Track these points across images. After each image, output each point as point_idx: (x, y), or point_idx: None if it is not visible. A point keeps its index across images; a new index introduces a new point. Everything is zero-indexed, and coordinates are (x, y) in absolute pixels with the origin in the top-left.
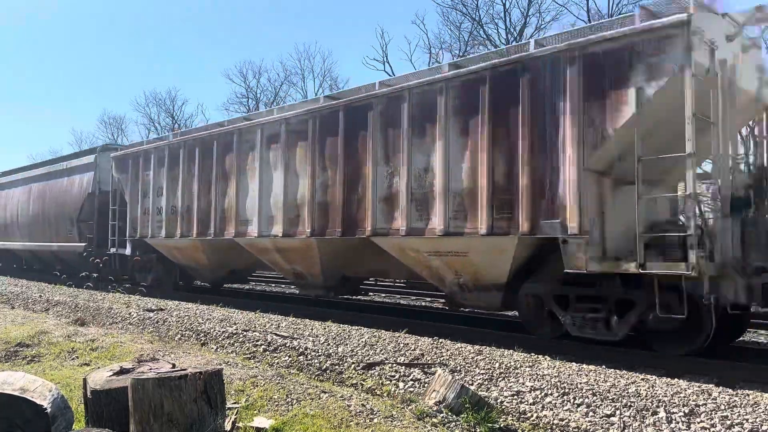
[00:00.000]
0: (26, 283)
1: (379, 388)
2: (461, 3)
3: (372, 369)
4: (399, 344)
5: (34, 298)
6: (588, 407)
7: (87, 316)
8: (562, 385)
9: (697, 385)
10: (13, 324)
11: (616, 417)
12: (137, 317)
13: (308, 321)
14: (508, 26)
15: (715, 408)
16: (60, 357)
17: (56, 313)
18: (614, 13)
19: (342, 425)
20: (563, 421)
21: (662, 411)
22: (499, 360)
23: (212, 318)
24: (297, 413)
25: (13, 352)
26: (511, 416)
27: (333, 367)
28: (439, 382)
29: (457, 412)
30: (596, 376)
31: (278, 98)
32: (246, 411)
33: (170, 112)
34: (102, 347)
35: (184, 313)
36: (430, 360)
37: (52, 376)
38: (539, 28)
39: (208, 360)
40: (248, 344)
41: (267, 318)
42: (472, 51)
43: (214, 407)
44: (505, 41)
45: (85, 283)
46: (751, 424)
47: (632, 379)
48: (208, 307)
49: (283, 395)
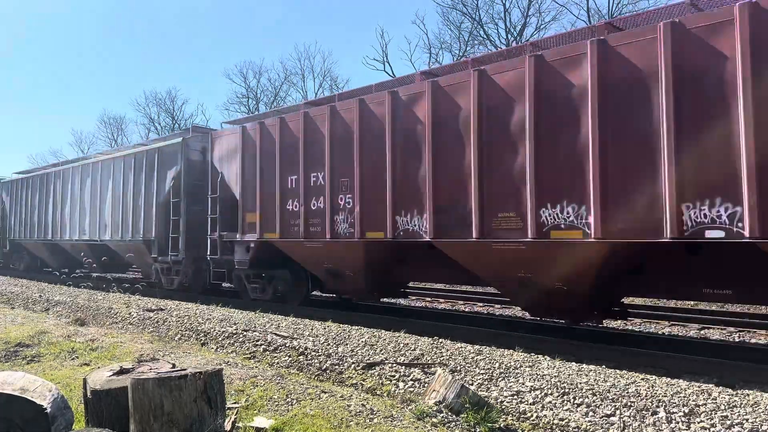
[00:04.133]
0: (26, 283)
1: (379, 388)
2: (461, 3)
3: (372, 369)
4: (399, 344)
5: (34, 298)
6: (588, 407)
7: (87, 316)
8: (562, 385)
9: (697, 385)
10: (13, 324)
11: (616, 417)
12: (137, 317)
13: (308, 321)
14: (508, 26)
15: (715, 408)
16: (60, 357)
17: (56, 313)
18: (614, 13)
19: (342, 425)
20: (563, 421)
21: (662, 411)
22: (499, 360)
23: (212, 318)
24: (297, 413)
25: (13, 352)
26: (511, 416)
27: (333, 367)
28: (439, 382)
29: (457, 412)
30: (596, 376)
31: (278, 98)
32: (246, 411)
33: (170, 112)
34: (102, 347)
35: (184, 313)
36: (430, 360)
37: (52, 376)
38: (539, 28)
39: (208, 360)
40: (248, 344)
41: (267, 318)
42: (472, 51)
43: (214, 407)
44: (505, 41)
45: (85, 283)
46: (751, 424)
47: (632, 379)
48: (208, 307)
49: (283, 395)
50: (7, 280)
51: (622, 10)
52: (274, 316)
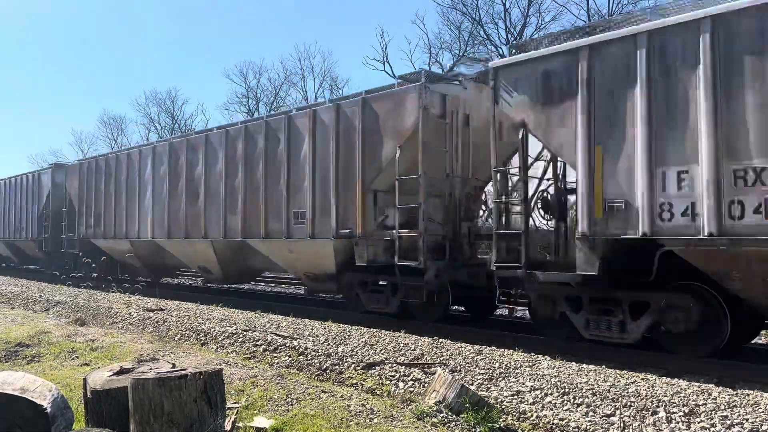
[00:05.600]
0: (26, 283)
1: (379, 388)
2: (461, 3)
3: (372, 369)
4: (399, 344)
5: (34, 298)
6: (588, 407)
7: (87, 316)
8: (562, 385)
9: (697, 385)
10: (13, 324)
11: (616, 417)
12: (137, 317)
13: (308, 321)
14: (508, 26)
15: (715, 408)
16: (60, 357)
17: (56, 313)
18: (614, 13)
19: (342, 425)
20: (563, 421)
21: (662, 411)
22: (499, 360)
23: (212, 318)
24: (297, 413)
25: (13, 352)
26: (511, 416)
27: (333, 367)
28: (439, 382)
29: (457, 411)
30: (596, 376)
31: (278, 98)
32: (246, 411)
33: (170, 112)
34: (102, 347)
35: (184, 313)
36: (430, 360)
37: (52, 376)
38: (539, 28)
39: (208, 360)
40: (248, 344)
41: (267, 318)
42: (472, 51)
43: (214, 407)
44: (505, 41)
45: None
46: (751, 424)
47: (632, 379)
48: (208, 307)
49: (283, 395)
50: (7, 280)
51: (622, 10)
52: (274, 316)
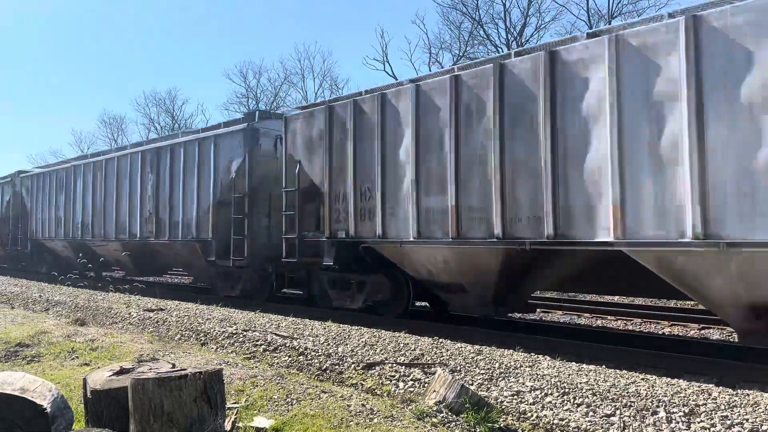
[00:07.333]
0: (26, 283)
1: (379, 388)
2: (461, 3)
3: (372, 369)
4: (399, 344)
5: (34, 298)
6: (588, 407)
7: (87, 316)
8: (562, 385)
9: (697, 385)
10: (13, 324)
11: (616, 417)
12: (137, 317)
13: (308, 321)
14: (508, 26)
15: (715, 408)
16: (60, 357)
17: (56, 313)
18: (614, 13)
19: (342, 425)
20: (563, 421)
21: (662, 411)
22: (499, 360)
23: (212, 318)
24: (297, 413)
25: (13, 352)
26: (511, 416)
27: (333, 367)
28: (439, 382)
29: (457, 412)
30: (596, 376)
31: (278, 98)
32: (246, 411)
33: (170, 112)
34: (102, 347)
35: (184, 313)
36: (430, 360)
37: (52, 376)
38: (539, 28)
39: (208, 360)
40: (248, 344)
41: (267, 318)
42: (472, 51)
43: (214, 407)
44: (505, 41)
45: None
46: (751, 424)
47: (632, 379)
48: (207, 307)
49: (283, 395)
50: (7, 280)
51: (622, 10)
52: (274, 316)
